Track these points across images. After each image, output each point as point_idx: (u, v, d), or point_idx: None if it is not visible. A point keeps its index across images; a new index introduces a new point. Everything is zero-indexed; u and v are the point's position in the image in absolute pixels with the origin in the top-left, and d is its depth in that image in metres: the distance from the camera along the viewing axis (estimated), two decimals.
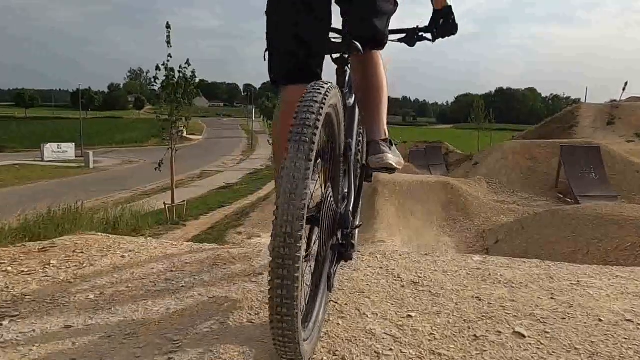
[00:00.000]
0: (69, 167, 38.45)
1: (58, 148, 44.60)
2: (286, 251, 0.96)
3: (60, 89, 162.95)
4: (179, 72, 12.91)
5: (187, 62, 13.11)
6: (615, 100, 32.32)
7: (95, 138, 59.09)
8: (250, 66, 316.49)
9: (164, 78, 12.98)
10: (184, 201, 13.98)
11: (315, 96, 1.07)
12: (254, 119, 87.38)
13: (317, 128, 1.02)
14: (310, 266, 1.29)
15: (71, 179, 33.57)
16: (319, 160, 1.26)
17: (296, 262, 0.96)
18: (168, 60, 12.94)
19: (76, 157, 44.32)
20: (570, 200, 13.68)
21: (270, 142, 1.85)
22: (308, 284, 1.27)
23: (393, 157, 1.43)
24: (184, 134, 12.05)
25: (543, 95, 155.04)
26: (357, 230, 1.50)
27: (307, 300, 1.22)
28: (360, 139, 1.72)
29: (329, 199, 1.28)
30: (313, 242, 1.29)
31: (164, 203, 13.40)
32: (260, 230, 11.45)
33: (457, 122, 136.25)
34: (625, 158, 15.53)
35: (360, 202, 1.52)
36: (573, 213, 8.67)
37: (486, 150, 17.94)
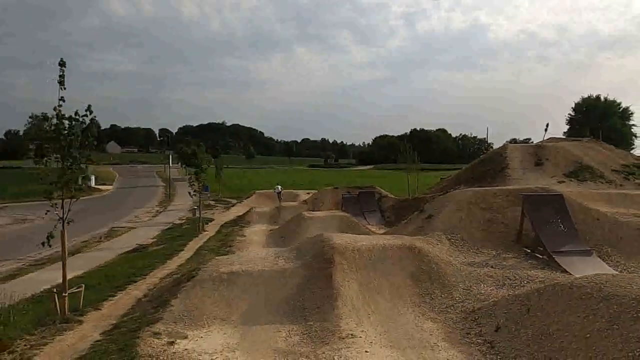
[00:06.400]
0: None
1: None
2: None
3: None
4: (76, 120, 9.94)
5: (89, 109, 10.16)
6: (542, 141, 33.17)
7: None
8: (167, 111, 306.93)
9: (53, 127, 9.95)
10: (80, 286, 10.65)
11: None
12: (170, 164, 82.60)
13: None
14: None
15: None
16: None
17: None
18: (60, 105, 9.96)
19: None
20: (541, 257, 12.24)
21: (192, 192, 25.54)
22: None
23: None
24: (90, 184, 8.77)
25: (453, 135, 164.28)
26: None
27: None
28: None
29: None
30: None
31: (53, 290, 10.04)
32: (186, 327, 8.56)
33: (376, 163, 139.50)
34: (583, 205, 14.60)
35: None
36: (594, 290, 6.87)
37: (438, 200, 16.40)
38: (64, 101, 9.99)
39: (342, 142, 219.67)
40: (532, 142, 50.88)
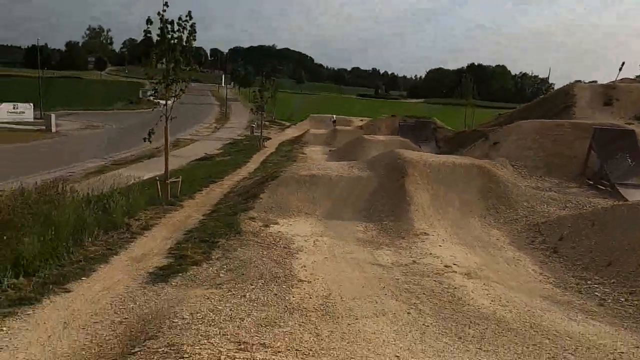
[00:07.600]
0: (28, 131, 35.06)
1: (14, 108, 40.74)
2: None
3: (9, 45, 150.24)
4: (179, 25, 10.80)
5: (189, 15, 10.98)
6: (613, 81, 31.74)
7: (52, 99, 54.92)
8: (216, 31, 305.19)
9: (158, 32, 10.85)
10: (178, 178, 12.08)
11: None
12: (224, 85, 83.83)
13: None
14: None
15: (32, 145, 30.48)
16: None
17: None
18: (164, 10, 10.81)
19: (35, 119, 40.63)
20: (604, 188, 12.62)
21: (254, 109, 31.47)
22: None
23: None
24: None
25: (513, 72, 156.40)
26: None
27: None
28: None
29: None
30: None
31: (157, 178, 11.49)
32: (276, 216, 9.79)
33: (427, 97, 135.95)
34: None
35: None
36: None
37: (503, 129, 16.70)
38: (167, 6, 10.80)
39: (393, 73, 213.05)
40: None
